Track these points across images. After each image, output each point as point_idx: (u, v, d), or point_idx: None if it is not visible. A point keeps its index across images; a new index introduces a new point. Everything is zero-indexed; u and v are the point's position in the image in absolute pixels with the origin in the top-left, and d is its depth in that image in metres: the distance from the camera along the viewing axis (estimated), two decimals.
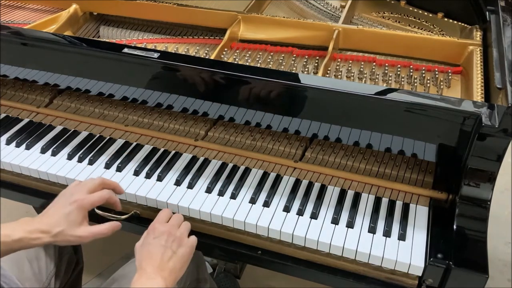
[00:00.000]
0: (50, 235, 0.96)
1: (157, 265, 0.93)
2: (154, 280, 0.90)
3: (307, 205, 1.10)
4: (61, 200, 1.01)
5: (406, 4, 1.47)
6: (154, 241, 0.97)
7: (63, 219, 0.97)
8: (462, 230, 1.01)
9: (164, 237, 0.97)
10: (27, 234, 0.94)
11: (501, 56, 1.12)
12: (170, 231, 0.98)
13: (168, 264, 0.94)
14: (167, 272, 0.93)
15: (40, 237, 0.95)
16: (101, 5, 1.50)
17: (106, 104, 1.35)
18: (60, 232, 0.96)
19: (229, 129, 1.26)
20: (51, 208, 1.00)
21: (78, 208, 0.99)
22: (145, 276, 0.91)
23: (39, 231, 0.95)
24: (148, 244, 0.97)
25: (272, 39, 1.37)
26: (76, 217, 0.98)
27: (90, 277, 1.80)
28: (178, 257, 0.96)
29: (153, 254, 0.94)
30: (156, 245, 0.96)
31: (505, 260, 1.92)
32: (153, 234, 0.99)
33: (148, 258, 0.94)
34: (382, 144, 1.07)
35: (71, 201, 0.99)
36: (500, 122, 0.93)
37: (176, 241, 0.97)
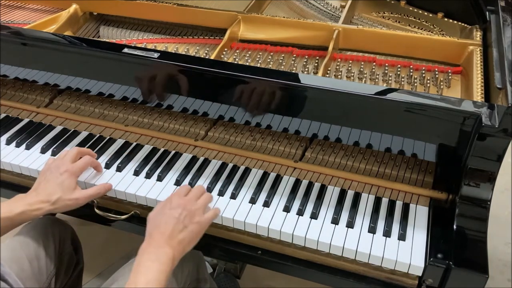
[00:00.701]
0: (50, 203, 1.02)
1: (167, 235, 0.94)
2: (162, 249, 0.92)
3: (307, 205, 1.10)
4: (49, 175, 1.06)
5: (406, 4, 1.47)
6: (168, 212, 0.98)
7: (58, 187, 1.04)
8: (462, 230, 1.01)
9: (178, 210, 0.98)
10: (28, 207, 1.00)
11: (501, 56, 1.12)
12: (185, 205, 0.99)
13: (178, 236, 0.95)
14: (175, 242, 0.94)
15: (41, 207, 1.01)
16: (101, 5, 1.50)
17: (106, 104, 1.35)
18: (58, 198, 1.03)
19: (229, 129, 1.26)
20: (42, 183, 1.05)
21: (70, 176, 1.06)
22: (154, 244, 0.93)
23: (39, 201, 1.02)
24: (162, 214, 0.98)
25: (272, 39, 1.37)
26: (70, 183, 1.05)
27: (90, 277, 1.80)
28: (188, 231, 0.96)
29: (165, 224, 0.96)
30: (169, 217, 0.97)
31: (505, 260, 1.92)
32: (169, 205, 1.00)
33: (159, 228, 0.96)
34: (382, 144, 1.07)
35: (61, 171, 1.06)
36: (500, 122, 0.93)
37: (189, 216, 0.98)
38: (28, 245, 1.12)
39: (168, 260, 0.91)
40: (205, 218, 1.00)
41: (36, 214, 1.01)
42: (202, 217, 1.00)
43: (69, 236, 1.25)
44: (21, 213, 0.99)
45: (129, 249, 1.85)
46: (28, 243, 1.12)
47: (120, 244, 1.93)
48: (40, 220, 1.18)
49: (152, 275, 0.88)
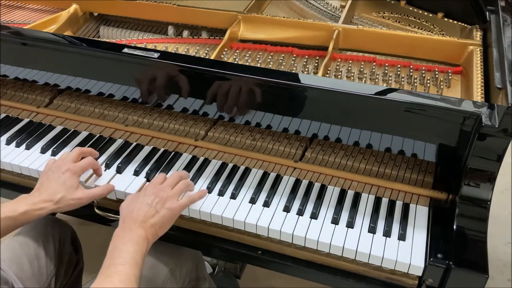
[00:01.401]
0: (53, 203, 1.02)
1: (140, 220, 0.96)
2: (135, 231, 0.94)
3: (307, 205, 1.10)
4: (51, 174, 1.06)
5: (406, 4, 1.47)
6: (141, 199, 1.00)
7: (61, 187, 1.04)
8: (462, 230, 1.01)
9: (151, 197, 1.00)
10: (31, 206, 1.00)
11: (501, 56, 1.12)
12: (158, 192, 1.01)
13: (150, 220, 0.97)
14: (148, 225, 0.96)
15: (44, 207, 1.01)
16: (101, 5, 1.50)
17: (106, 104, 1.35)
18: (62, 198, 1.03)
19: (229, 129, 1.26)
20: (44, 183, 1.05)
21: (72, 175, 1.06)
22: (126, 228, 0.96)
23: (42, 201, 1.02)
24: (136, 201, 1.00)
25: (272, 39, 1.37)
26: (72, 182, 1.05)
27: (90, 277, 1.80)
28: (160, 216, 0.98)
29: (137, 210, 0.98)
30: (142, 203, 0.99)
31: (505, 260, 1.92)
32: (143, 193, 1.02)
33: (131, 213, 0.98)
34: (382, 144, 1.07)
35: (63, 171, 1.06)
36: (500, 122, 0.93)
37: (161, 202, 1.00)
38: (28, 245, 1.12)
39: (141, 239, 0.93)
40: (177, 204, 1.02)
41: (40, 214, 1.01)
42: (174, 203, 1.01)
43: (69, 236, 1.25)
44: (25, 213, 0.99)
45: None
46: (28, 243, 1.12)
47: None
48: (40, 220, 1.18)
49: (128, 255, 0.90)
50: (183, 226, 1.15)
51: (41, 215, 1.02)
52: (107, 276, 0.87)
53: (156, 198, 1.00)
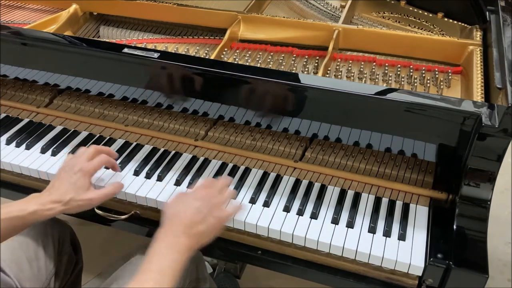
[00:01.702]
0: (62, 203, 1.00)
1: (185, 224, 0.93)
2: (179, 238, 0.91)
3: (307, 205, 1.10)
4: (64, 173, 1.04)
5: (406, 4, 1.47)
6: (189, 202, 0.97)
7: (71, 187, 1.01)
8: (462, 230, 1.01)
9: (199, 202, 0.97)
10: (41, 206, 0.98)
11: (501, 56, 1.12)
12: (207, 197, 0.98)
13: (196, 227, 0.94)
14: (193, 232, 0.93)
15: (53, 207, 0.99)
16: (101, 5, 1.50)
17: (106, 104, 1.35)
18: (71, 198, 1.00)
19: (229, 129, 1.26)
20: (56, 182, 1.03)
21: (84, 176, 1.03)
22: (171, 232, 0.93)
23: (52, 201, 0.99)
24: (183, 202, 0.98)
25: (272, 39, 1.37)
26: (83, 183, 1.02)
27: (90, 277, 1.80)
28: (207, 224, 0.95)
29: (184, 213, 0.95)
30: (190, 206, 0.96)
31: (505, 260, 1.92)
32: (191, 195, 1.00)
33: (178, 216, 0.95)
34: (382, 144, 1.07)
35: (75, 170, 1.03)
36: (500, 122, 0.93)
37: (209, 208, 0.97)
38: (27, 246, 1.12)
39: (184, 249, 0.91)
40: (225, 213, 1.00)
41: (49, 214, 0.99)
42: (222, 211, 0.99)
43: (68, 236, 1.25)
44: (33, 213, 0.97)
45: (129, 249, 1.85)
46: (27, 243, 1.12)
47: (120, 244, 1.93)
48: None
49: (167, 263, 0.87)
50: None
51: (51, 215, 1.00)
52: (142, 282, 0.85)
53: (205, 203, 0.97)
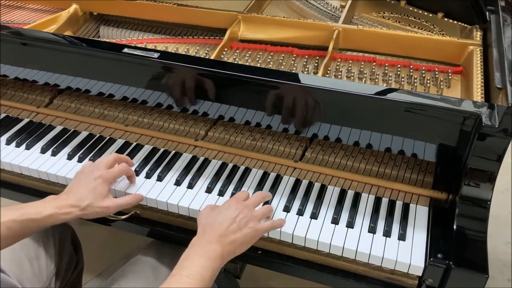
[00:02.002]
0: (79, 209, 0.99)
1: (220, 233, 0.93)
2: (212, 245, 0.91)
3: (307, 205, 1.10)
4: (83, 179, 1.04)
5: (406, 4, 1.47)
6: (225, 212, 0.97)
7: (90, 193, 1.01)
8: (462, 230, 1.01)
9: (236, 212, 0.97)
10: (57, 210, 0.98)
11: (501, 56, 1.12)
12: (243, 209, 0.98)
13: (231, 236, 0.94)
14: (227, 241, 0.93)
15: (70, 212, 0.99)
16: (101, 5, 1.50)
17: (106, 104, 1.35)
18: (89, 204, 1.00)
19: (229, 129, 1.26)
20: (74, 186, 1.03)
21: (103, 182, 1.03)
22: (204, 239, 0.93)
23: (69, 205, 0.99)
24: (218, 212, 0.98)
25: (272, 39, 1.37)
26: (102, 190, 1.02)
27: (90, 277, 1.80)
28: (242, 234, 0.95)
29: (220, 223, 0.95)
30: (225, 216, 0.96)
31: (505, 260, 1.92)
32: (227, 205, 1.00)
33: (213, 225, 0.95)
34: (382, 144, 1.07)
35: (95, 177, 1.03)
36: (500, 122, 0.93)
37: (245, 219, 0.97)
38: (28, 245, 1.12)
39: (216, 257, 0.90)
40: (261, 226, 0.99)
41: (65, 218, 0.99)
42: (258, 224, 0.99)
43: (69, 236, 1.25)
44: (50, 216, 0.97)
45: (129, 249, 1.85)
46: (28, 243, 1.12)
47: (120, 244, 1.93)
48: None
49: (197, 269, 0.87)
50: (183, 226, 1.15)
51: (67, 219, 0.99)
52: (170, 285, 0.85)
53: (241, 214, 0.97)
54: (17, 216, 0.94)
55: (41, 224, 0.97)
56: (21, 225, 0.94)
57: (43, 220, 0.96)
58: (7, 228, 0.93)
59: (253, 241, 0.98)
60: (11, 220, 0.93)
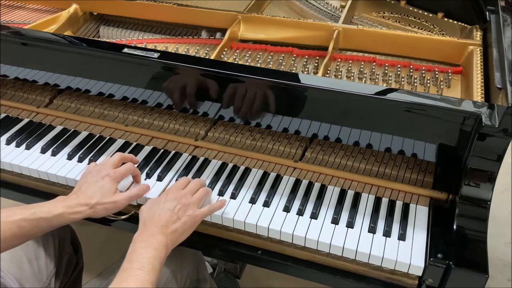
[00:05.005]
0: (89, 207, 1.00)
1: (161, 225, 0.96)
2: (155, 237, 0.94)
3: (307, 205, 1.10)
4: (91, 178, 1.05)
5: (406, 4, 1.47)
6: (163, 205, 1.00)
7: (98, 191, 1.02)
8: (462, 230, 1.01)
9: (173, 203, 1.00)
10: (67, 209, 0.99)
11: (501, 56, 1.12)
12: (180, 199, 1.01)
13: (171, 226, 0.97)
14: (169, 231, 0.96)
15: (80, 211, 1.00)
16: (101, 5, 1.50)
17: (106, 104, 1.35)
18: (97, 202, 1.01)
19: (229, 129, 1.26)
20: (82, 186, 1.04)
21: (111, 181, 1.04)
22: (147, 232, 0.96)
23: (78, 204, 1.00)
24: (157, 206, 1.00)
25: (272, 39, 1.37)
26: (110, 188, 1.04)
27: (90, 277, 1.80)
28: (181, 223, 0.99)
29: (159, 216, 0.98)
30: (164, 208, 0.99)
31: (505, 260, 1.92)
32: (164, 197, 1.02)
33: (152, 218, 0.98)
34: (382, 144, 1.07)
35: (103, 175, 1.05)
36: (500, 122, 0.93)
37: (182, 209, 1.00)
38: (27, 245, 1.12)
39: (161, 246, 0.93)
40: (198, 212, 1.02)
41: (75, 218, 1.00)
42: (195, 211, 1.02)
43: (68, 236, 1.25)
44: (59, 215, 0.98)
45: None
46: (27, 243, 1.12)
47: (120, 244, 1.92)
48: None
49: (146, 260, 0.90)
50: None
51: (77, 218, 1.00)
52: (123, 279, 0.87)
53: (178, 205, 1.00)
54: (28, 215, 0.96)
55: (51, 224, 0.98)
56: (32, 224, 0.96)
57: (53, 219, 0.98)
58: (18, 227, 0.95)
59: (194, 227, 1.02)
60: (23, 219, 0.95)
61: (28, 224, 0.96)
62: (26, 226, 0.95)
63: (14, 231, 0.94)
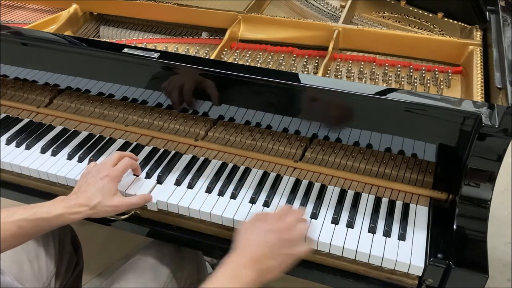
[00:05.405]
0: (89, 208, 1.00)
1: (255, 258, 0.89)
2: (245, 270, 0.87)
3: (307, 205, 1.10)
4: (90, 178, 1.04)
5: (406, 4, 1.47)
6: (263, 235, 0.92)
7: (98, 192, 1.01)
8: (462, 230, 1.01)
9: (273, 236, 0.92)
10: (67, 209, 0.98)
11: (501, 56, 1.12)
12: (282, 232, 0.93)
13: (266, 262, 0.89)
14: (262, 267, 0.88)
15: (80, 211, 0.99)
16: (101, 5, 1.50)
17: (106, 104, 1.35)
18: (98, 203, 1.00)
19: (229, 129, 1.26)
20: (82, 186, 1.03)
21: (111, 181, 1.04)
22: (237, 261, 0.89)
23: (78, 205, 0.99)
24: (257, 234, 0.93)
25: (272, 39, 1.37)
26: (110, 188, 1.03)
27: (90, 277, 1.81)
28: (278, 261, 0.91)
29: (256, 247, 0.90)
30: (263, 240, 0.91)
31: (505, 260, 1.92)
32: (266, 226, 0.94)
33: (249, 247, 0.91)
34: (382, 144, 1.07)
35: (102, 176, 1.04)
36: (500, 122, 0.93)
37: (283, 245, 0.92)
38: (28, 245, 1.12)
39: (247, 282, 0.86)
40: (298, 252, 0.94)
41: (74, 218, 0.99)
42: (295, 250, 0.93)
43: (69, 236, 1.25)
44: (59, 216, 0.97)
45: (129, 249, 1.85)
46: (28, 243, 1.12)
47: (120, 244, 1.93)
48: None
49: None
50: (182, 225, 1.15)
51: (76, 219, 0.99)
52: None
53: (279, 240, 0.91)
54: (28, 215, 0.95)
55: (51, 224, 0.98)
56: (32, 224, 0.95)
57: (53, 220, 0.97)
58: (18, 226, 0.94)
59: (288, 266, 0.93)
60: (22, 219, 0.95)
61: (28, 224, 0.95)
62: (26, 226, 0.95)
63: (14, 231, 0.94)
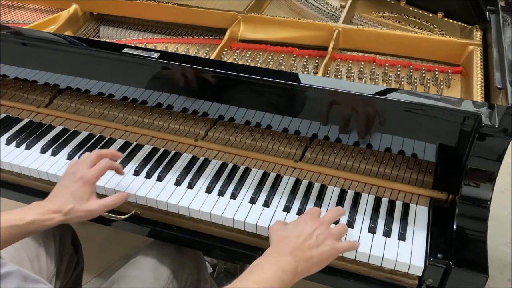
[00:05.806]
0: (62, 214, 0.97)
1: (296, 246, 0.87)
2: (286, 257, 0.85)
3: (307, 205, 1.10)
4: (66, 181, 1.02)
5: (406, 4, 1.47)
6: (302, 226, 0.92)
7: (71, 197, 0.98)
8: (462, 230, 1.01)
9: (313, 227, 0.91)
10: (40, 216, 0.95)
11: (501, 56, 1.12)
12: (320, 225, 0.92)
13: (307, 252, 0.87)
14: (302, 257, 0.87)
15: (52, 217, 0.96)
16: (101, 5, 1.50)
17: (106, 104, 1.35)
18: (71, 209, 0.97)
19: (229, 129, 1.26)
20: (58, 190, 1.01)
21: (84, 185, 1.00)
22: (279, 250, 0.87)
23: (51, 211, 0.97)
24: (295, 226, 0.92)
25: (272, 39, 1.37)
26: (83, 193, 0.99)
27: (91, 277, 1.81)
28: (319, 251, 0.89)
29: (296, 236, 0.89)
30: (303, 230, 0.90)
31: (505, 260, 1.92)
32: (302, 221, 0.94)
33: (288, 238, 0.89)
34: (382, 144, 1.07)
35: (76, 179, 1.01)
36: (500, 122, 0.93)
37: (323, 235, 0.90)
38: (28, 245, 1.12)
39: (288, 269, 0.84)
40: (339, 245, 0.93)
41: (48, 225, 0.96)
42: (336, 243, 0.92)
43: (69, 236, 1.25)
44: (32, 222, 0.94)
45: (129, 249, 1.85)
46: (28, 243, 1.12)
47: (120, 244, 1.93)
48: None
49: (266, 276, 0.82)
50: (182, 225, 1.15)
51: (50, 225, 0.97)
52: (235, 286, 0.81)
53: (318, 230, 0.91)
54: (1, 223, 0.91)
55: (25, 231, 0.94)
56: (5, 231, 0.91)
57: (26, 227, 0.93)
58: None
59: (330, 261, 0.92)
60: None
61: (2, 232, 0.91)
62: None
63: None
